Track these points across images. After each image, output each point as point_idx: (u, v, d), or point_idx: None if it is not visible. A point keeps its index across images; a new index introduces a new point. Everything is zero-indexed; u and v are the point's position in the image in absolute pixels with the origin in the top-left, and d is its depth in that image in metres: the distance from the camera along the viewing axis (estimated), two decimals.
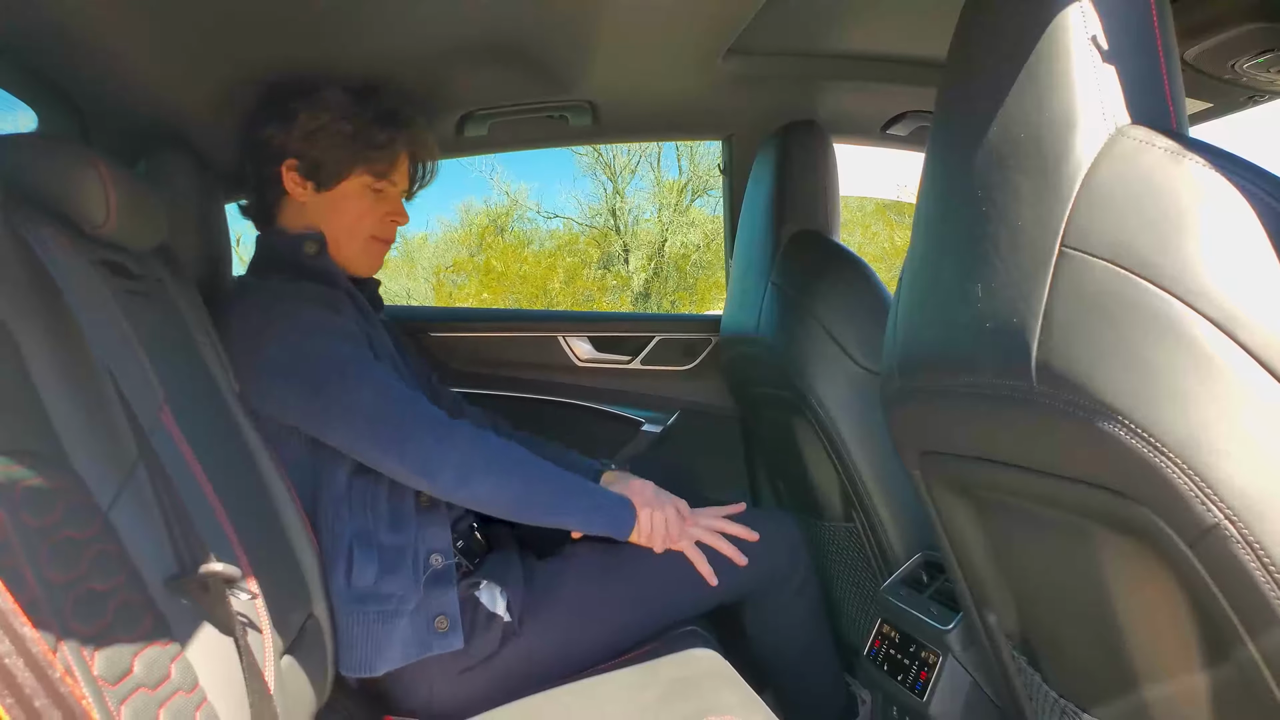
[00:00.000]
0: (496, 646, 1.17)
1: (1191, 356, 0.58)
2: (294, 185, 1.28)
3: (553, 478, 1.17)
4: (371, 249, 1.33)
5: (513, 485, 1.15)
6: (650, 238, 17.60)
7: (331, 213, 1.30)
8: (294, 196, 1.29)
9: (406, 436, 1.12)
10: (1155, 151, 0.63)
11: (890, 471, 1.35)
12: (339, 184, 1.29)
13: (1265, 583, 0.58)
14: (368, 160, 1.28)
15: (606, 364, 1.97)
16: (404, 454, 1.12)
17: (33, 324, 0.77)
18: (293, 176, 1.28)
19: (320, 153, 1.27)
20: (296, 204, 1.30)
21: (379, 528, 1.17)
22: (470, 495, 1.14)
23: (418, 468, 1.12)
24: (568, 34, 1.34)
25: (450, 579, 1.18)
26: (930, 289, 0.84)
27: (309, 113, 1.26)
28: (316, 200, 1.29)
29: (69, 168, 0.92)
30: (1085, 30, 0.68)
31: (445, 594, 1.16)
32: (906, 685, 1.23)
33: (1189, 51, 1.21)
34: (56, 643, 0.63)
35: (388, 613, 1.14)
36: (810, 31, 1.43)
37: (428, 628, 1.15)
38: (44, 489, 0.68)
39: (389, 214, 1.33)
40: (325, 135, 1.26)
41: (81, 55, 1.13)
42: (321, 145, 1.26)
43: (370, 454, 1.13)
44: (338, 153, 1.27)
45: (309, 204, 1.29)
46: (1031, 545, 0.84)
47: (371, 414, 1.12)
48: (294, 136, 1.26)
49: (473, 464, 1.12)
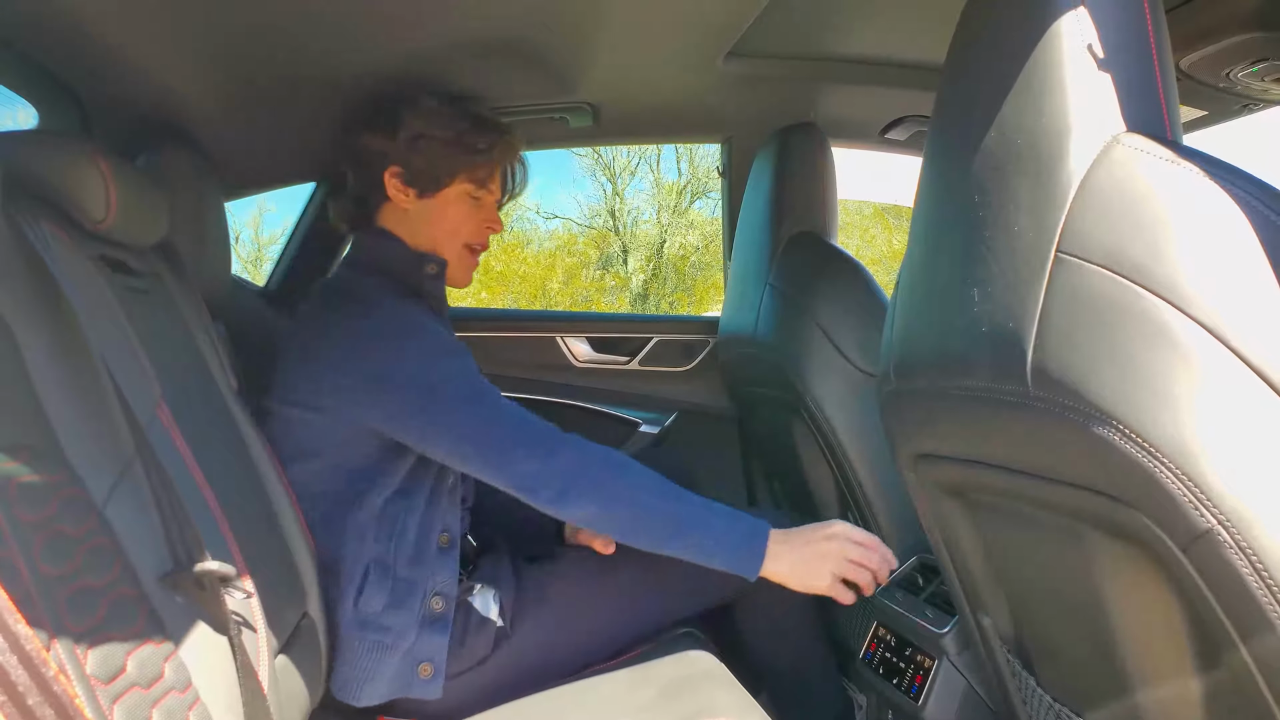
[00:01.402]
0: (489, 650, 1.17)
1: (1185, 362, 0.59)
2: (397, 192, 1.29)
3: (667, 511, 1.11)
4: (466, 258, 1.34)
5: (618, 514, 1.11)
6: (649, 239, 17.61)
7: (432, 219, 1.30)
8: (396, 203, 1.30)
9: (515, 452, 1.11)
10: (1149, 159, 0.63)
11: (886, 474, 1.35)
12: (441, 191, 1.30)
13: (1258, 588, 0.58)
14: (469, 167, 1.30)
15: (605, 365, 1.97)
16: (511, 469, 1.11)
17: (31, 319, 0.77)
18: (395, 183, 1.29)
19: (424, 160, 1.28)
20: (398, 210, 1.31)
21: (399, 559, 1.16)
22: (572, 517, 1.12)
23: (524, 480, 1.11)
24: (569, 35, 1.34)
25: (445, 626, 1.16)
26: (927, 292, 0.84)
27: (412, 120, 1.28)
28: (419, 206, 1.30)
29: (70, 163, 0.92)
30: (1081, 38, 0.68)
31: (437, 641, 1.15)
32: (902, 689, 1.23)
33: (1184, 60, 1.22)
34: (50, 640, 0.63)
35: (384, 645, 1.13)
36: (810, 35, 1.44)
37: (412, 671, 1.14)
38: (39, 484, 0.68)
39: (485, 221, 1.35)
40: (428, 143, 1.27)
41: (83, 50, 1.13)
42: (425, 153, 1.28)
43: (475, 469, 1.12)
44: (440, 160, 1.28)
45: (411, 210, 1.30)
46: (1026, 549, 0.84)
47: (480, 432, 1.12)
48: (398, 144, 1.28)
49: (578, 485, 1.10)
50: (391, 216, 1.31)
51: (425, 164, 1.28)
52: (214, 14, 1.11)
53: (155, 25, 1.11)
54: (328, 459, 1.17)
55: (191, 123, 1.37)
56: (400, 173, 1.28)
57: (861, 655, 1.34)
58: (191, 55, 1.21)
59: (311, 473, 1.17)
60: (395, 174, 1.28)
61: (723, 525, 1.11)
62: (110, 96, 1.25)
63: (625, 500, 1.11)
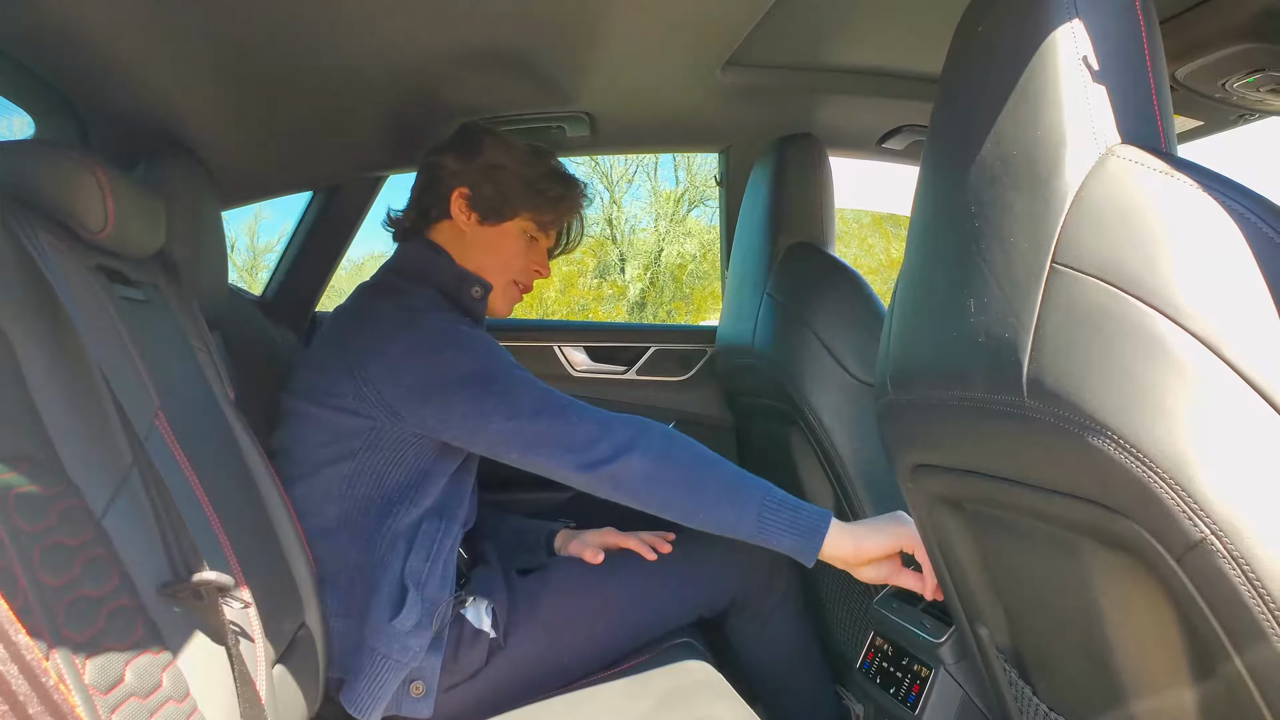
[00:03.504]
0: (482, 662, 1.17)
1: (1178, 373, 0.59)
2: (460, 212, 1.33)
3: (723, 476, 1.13)
4: (510, 292, 1.38)
5: (671, 475, 1.13)
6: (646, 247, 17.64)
7: (487, 247, 1.34)
8: (457, 222, 1.34)
9: (564, 431, 1.13)
10: (1144, 171, 0.64)
11: (884, 483, 1.35)
12: (503, 223, 1.34)
13: (1251, 598, 0.58)
14: (536, 208, 1.35)
15: (602, 374, 1.98)
16: (558, 445, 1.13)
17: (29, 329, 0.77)
18: (461, 204, 1.33)
19: (495, 189, 1.33)
20: (455, 229, 1.34)
21: (431, 579, 1.15)
22: (630, 477, 1.12)
23: (567, 455, 1.12)
24: (566, 45, 1.34)
25: (441, 646, 1.16)
26: (923, 302, 0.85)
27: (492, 149, 1.34)
28: (477, 232, 1.34)
29: (67, 173, 0.92)
30: (1076, 50, 0.69)
31: (432, 660, 1.15)
32: (899, 698, 1.23)
33: (1180, 70, 1.23)
34: (49, 650, 0.63)
35: (400, 663, 1.12)
36: (808, 45, 1.44)
37: (404, 690, 1.14)
38: (38, 495, 0.68)
39: (535, 263, 1.39)
40: (505, 175, 1.33)
41: (80, 60, 1.13)
42: (498, 182, 1.33)
43: (531, 445, 1.14)
44: (511, 193, 1.33)
45: (469, 234, 1.34)
46: (1022, 559, 0.84)
47: (537, 406, 1.14)
48: (474, 168, 1.33)
49: (637, 445, 1.13)
50: (446, 234, 1.34)
51: (494, 193, 1.33)
52: (211, 25, 1.11)
53: (152, 36, 1.11)
54: (365, 462, 1.17)
55: (189, 133, 1.37)
56: (468, 195, 1.33)
57: (859, 664, 1.34)
58: (189, 66, 1.21)
59: (344, 475, 1.17)
60: (462, 195, 1.33)
61: (781, 496, 1.12)
62: (107, 106, 1.26)
63: (682, 461, 1.13)
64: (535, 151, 1.38)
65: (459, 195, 1.33)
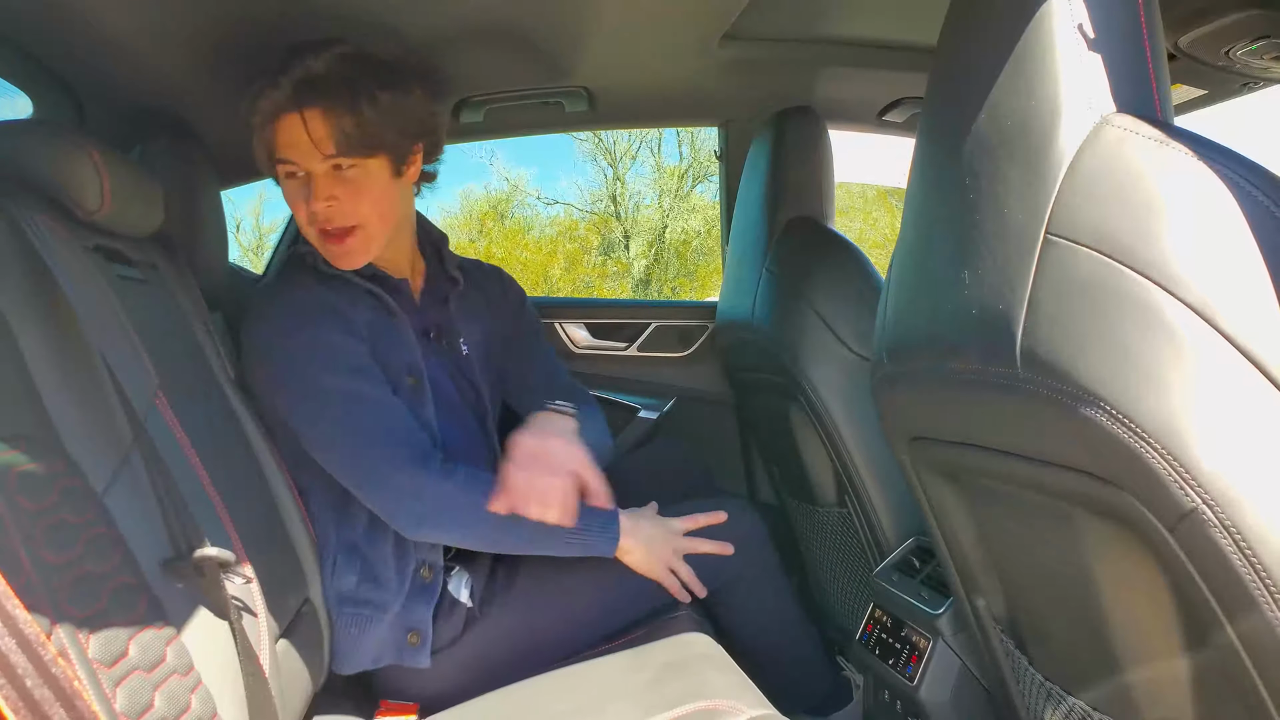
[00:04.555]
0: (459, 632, 1.19)
1: (1171, 343, 0.59)
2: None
3: (522, 528, 1.13)
4: (321, 242, 1.19)
5: (481, 533, 1.15)
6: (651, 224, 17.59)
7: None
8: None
9: (372, 483, 1.13)
10: (1139, 140, 0.63)
11: (883, 457, 1.36)
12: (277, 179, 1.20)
13: (1242, 566, 0.59)
14: (262, 149, 1.18)
15: (603, 350, 1.98)
16: (370, 498, 1.14)
17: (28, 310, 0.77)
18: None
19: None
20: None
21: (360, 538, 1.19)
22: (430, 540, 1.17)
23: (381, 510, 1.14)
24: (564, 19, 1.33)
25: (433, 593, 1.18)
26: (919, 275, 0.85)
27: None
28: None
29: (63, 154, 0.92)
30: (1072, 19, 0.68)
31: (423, 608, 1.17)
32: (897, 669, 1.24)
33: (1183, 39, 1.21)
34: (51, 625, 0.64)
35: (363, 617, 1.16)
36: (806, 17, 1.43)
37: (402, 639, 1.16)
38: (39, 473, 0.69)
39: (305, 198, 1.15)
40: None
41: (78, 40, 1.13)
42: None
43: (347, 485, 1.15)
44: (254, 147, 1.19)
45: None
46: (1017, 530, 0.85)
47: (348, 455, 1.13)
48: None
49: (434, 518, 1.13)
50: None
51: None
52: (209, 5, 1.11)
53: (150, 16, 1.10)
54: (291, 446, 1.18)
55: (187, 113, 1.37)
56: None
57: (858, 636, 1.35)
58: (186, 46, 1.21)
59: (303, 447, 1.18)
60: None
61: (580, 522, 1.14)
62: (104, 86, 1.25)
63: (482, 524, 1.13)
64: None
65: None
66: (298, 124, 1.10)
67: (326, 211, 1.13)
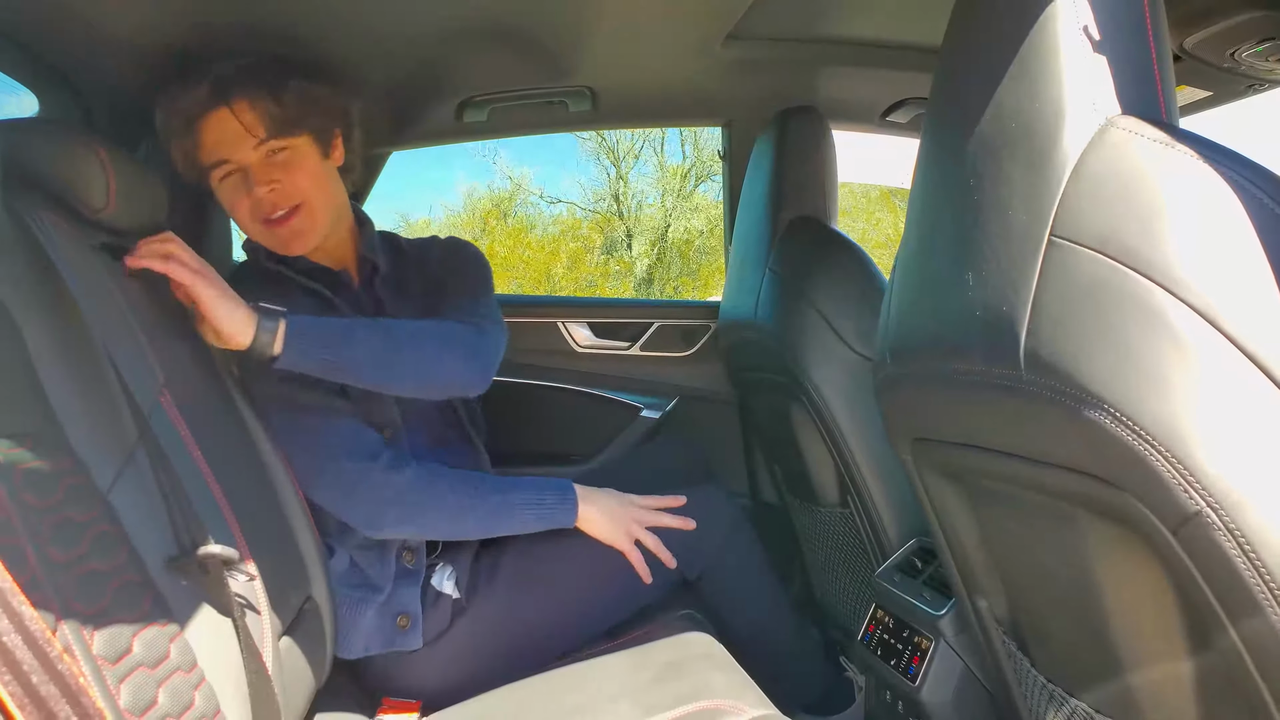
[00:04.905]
0: (447, 624, 1.20)
1: (1175, 345, 0.59)
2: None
3: (482, 506, 1.19)
4: (267, 232, 1.20)
5: (437, 524, 1.19)
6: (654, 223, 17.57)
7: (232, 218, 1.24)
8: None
9: (321, 485, 1.16)
10: (1144, 142, 0.63)
11: (885, 458, 1.36)
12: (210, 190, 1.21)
13: (1246, 569, 0.59)
14: (184, 160, 1.18)
15: (605, 350, 1.98)
16: (322, 500, 1.17)
17: (34, 307, 0.77)
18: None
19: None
20: None
21: (345, 525, 1.20)
22: (391, 535, 1.19)
23: (335, 511, 1.17)
24: (567, 19, 1.33)
25: (418, 578, 1.21)
26: (922, 276, 0.85)
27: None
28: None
29: (68, 152, 0.92)
30: (1077, 20, 0.68)
31: (410, 592, 1.19)
32: (899, 670, 1.24)
33: (1188, 40, 1.21)
34: (56, 622, 0.65)
35: (354, 599, 1.19)
36: (810, 17, 1.43)
37: (391, 624, 1.18)
38: (45, 470, 0.69)
39: (243, 194, 1.17)
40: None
41: (82, 38, 1.13)
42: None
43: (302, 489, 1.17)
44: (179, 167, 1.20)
45: None
46: (1019, 531, 0.85)
47: (295, 460, 1.16)
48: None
49: (386, 514, 1.16)
50: None
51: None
52: (213, 4, 1.11)
53: (154, 14, 1.11)
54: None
55: None
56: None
57: (860, 637, 1.35)
58: (191, 44, 1.21)
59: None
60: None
61: (534, 495, 1.21)
62: (109, 85, 1.26)
63: (439, 510, 1.17)
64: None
65: None
66: (225, 118, 1.13)
67: (270, 196, 1.15)
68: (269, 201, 1.16)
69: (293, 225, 1.18)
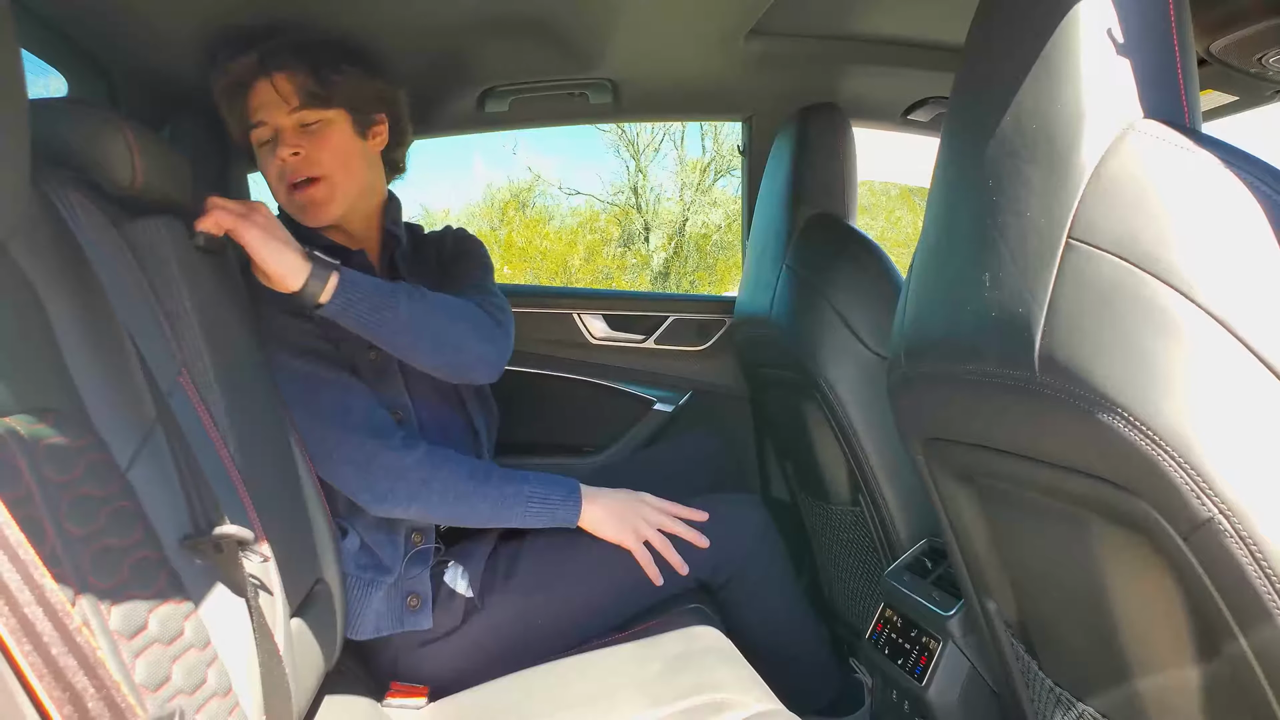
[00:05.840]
0: (459, 622, 1.21)
1: (1191, 351, 0.59)
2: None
3: (487, 494, 1.20)
4: (291, 198, 1.26)
5: (440, 508, 1.19)
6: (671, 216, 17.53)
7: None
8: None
9: (331, 460, 1.18)
10: (1165, 146, 0.63)
11: (897, 457, 1.35)
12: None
13: (1258, 578, 0.59)
14: (233, 128, 1.27)
15: (620, 343, 1.98)
16: (330, 475, 1.19)
17: (59, 286, 0.79)
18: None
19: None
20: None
21: (355, 504, 1.21)
22: (395, 514, 1.20)
23: (343, 487, 1.19)
24: (590, 11, 1.34)
25: (427, 560, 1.22)
26: (939, 276, 0.85)
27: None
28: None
29: (96, 132, 0.93)
30: (1100, 23, 0.67)
31: (420, 573, 1.21)
32: (907, 669, 1.24)
33: (1215, 44, 1.20)
34: (75, 596, 0.66)
35: (365, 580, 1.20)
36: (833, 13, 1.42)
37: (402, 605, 1.19)
38: (65, 446, 0.70)
39: (274, 160, 1.24)
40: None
41: (108, 21, 1.15)
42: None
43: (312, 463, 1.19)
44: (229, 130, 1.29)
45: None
46: (1031, 534, 0.85)
47: (306, 433, 1.18)
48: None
49: (394, 493, 1.17)
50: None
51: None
52: None
53: None
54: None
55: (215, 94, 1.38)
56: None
57: (868, 636, 1.35)
58: (216, 30, 1.22)
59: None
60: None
61: (540, 490, 1.22)
62: (136, 67, 1.27)
63: (444, 494, 1.18)
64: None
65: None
66: (266, 86, 1.21)
67: (293, 161, 1.22)
68: (291, 165, 1.22)
69: (311, 194, 1.23)
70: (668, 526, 1.26)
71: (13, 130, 0.70)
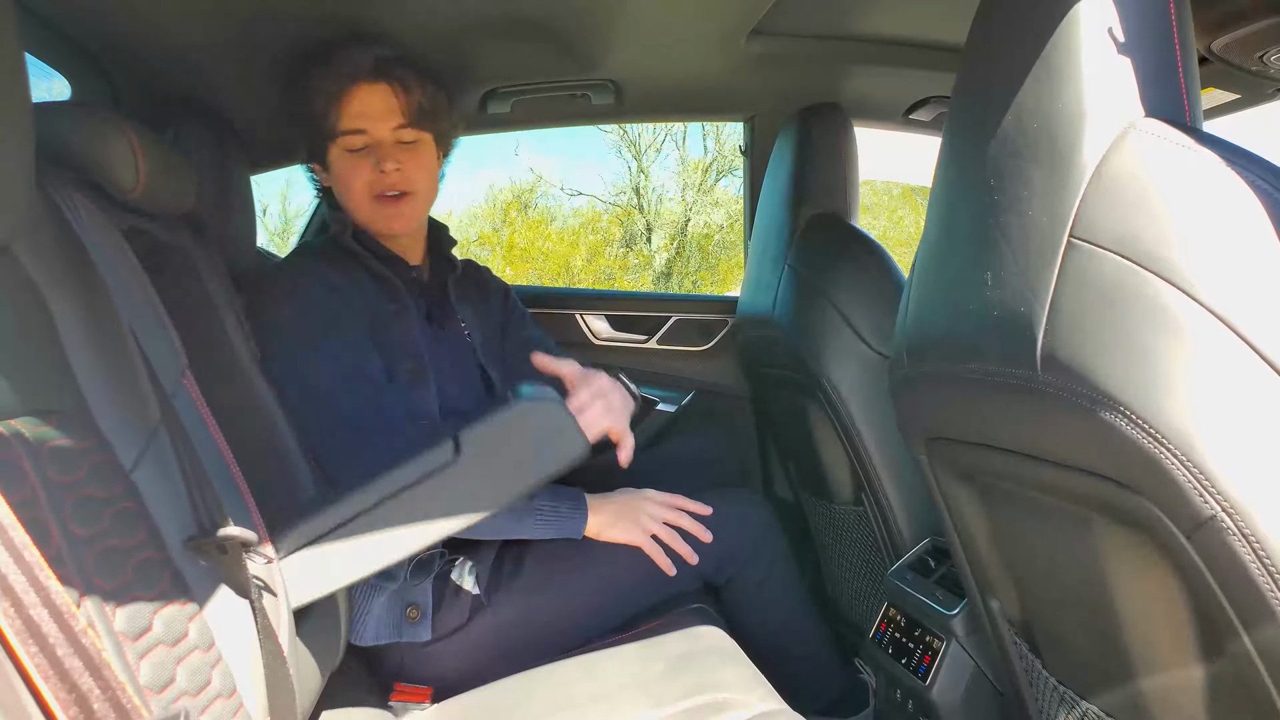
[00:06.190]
0: (464, 620, 1.20)
1: (1193, 349, 0.59)
2: (316, 167, 1.35)
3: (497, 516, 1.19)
4: (375, 209, 1.28)
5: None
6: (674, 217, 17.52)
7: (335, 182, 1.31)
8: (321, 180, 1.36)
9: (361, 459, 1.13)
10: (1165, 145, 0.63)
11: (900, 456, 1.35)
12: (328, 158, 1.29)
13: (1260, 576, 0.59)
14: (323, 132, 1.27)
15: (623, 343, 1.98)
16: (350, 479, 1.13)
17: (63, 288, 0.79)
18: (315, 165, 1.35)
19: (303, 135, 1.31)
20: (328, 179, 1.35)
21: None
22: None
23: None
24: (591, 12, 1.34)
25: (431, 569, 1.21)
26: (941, 275, 0.85)
27: (283, 98, 1.30)
28: (329, 175, 1.32)
29: (99, 133, 0.94)
30: (1101, 22, 0.67)
31: (423, 584, 1.20)
32: (910, 668, 1.24)
33: (1216, 43, 1.20)
34: (79, 598, 0.66)
35: (368, 585, 1.18)
36: (834, 13, 1.42)
37: (401, 615, 1.18)
38: (70, 448, 0.70)
39: (370, 168, 1.25)
40: (297, 119, 1.29)
41: (114, 25, 1.15)
42: (299, 128, 1.29)
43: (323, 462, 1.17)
44: (307, 133, 1.29)
45: (328, 178, 1.33)
46: (1034, 533, 0.85)
47: (332, 435, 1.15)
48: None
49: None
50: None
51: (307, 139, 1.32)
52: None
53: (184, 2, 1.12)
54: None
55: (218, 98, 1.39)
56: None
57: (871, 635, 1.35)
58: (220, 33, 1.23)
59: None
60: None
61: (550, 502, 1.23)
62: (138, 70, 1.27)
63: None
64: (291, 82, 1.27)
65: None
66: (378, 92, 1.24)
67: (395, 176, 1.25)
68: (390, 180, 1.25)
69: (400, 208, 1.28)
70: (672, 520, 1.26)
71: (17, 133, 0.70)
